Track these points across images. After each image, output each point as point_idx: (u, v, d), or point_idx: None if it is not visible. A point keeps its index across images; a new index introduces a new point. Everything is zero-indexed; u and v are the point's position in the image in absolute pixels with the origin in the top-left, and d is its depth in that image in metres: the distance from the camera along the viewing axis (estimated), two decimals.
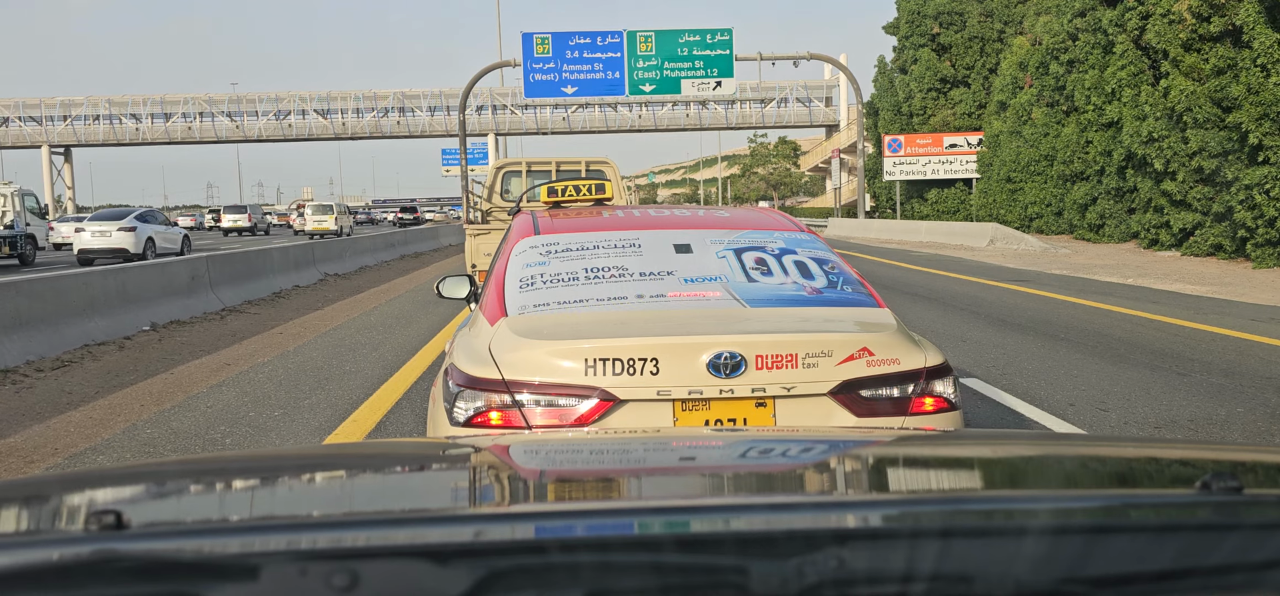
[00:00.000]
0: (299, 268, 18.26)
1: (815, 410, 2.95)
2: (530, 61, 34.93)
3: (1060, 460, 1.57)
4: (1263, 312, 11.90)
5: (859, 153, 43.58)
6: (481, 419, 2.95)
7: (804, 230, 3.86)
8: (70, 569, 0.87)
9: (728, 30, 35.01)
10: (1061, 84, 29.05)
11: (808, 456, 1.63)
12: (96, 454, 5.94)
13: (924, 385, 3.05)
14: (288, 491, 1.43)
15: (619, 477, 1.52)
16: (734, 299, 3.31)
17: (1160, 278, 17.02)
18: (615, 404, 2.89)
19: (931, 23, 39.41)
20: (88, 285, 10.72)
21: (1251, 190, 18.57)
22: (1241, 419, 6.33)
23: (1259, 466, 1.37)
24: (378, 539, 0.95)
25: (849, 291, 3.47)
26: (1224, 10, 19.72)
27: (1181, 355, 8.68)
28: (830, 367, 2.95)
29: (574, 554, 0.94)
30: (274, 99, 65.88)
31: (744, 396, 2.92)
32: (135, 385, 8.18)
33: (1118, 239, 26.44)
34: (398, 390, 7.69)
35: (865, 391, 2.99)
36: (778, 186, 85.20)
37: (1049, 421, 6.35)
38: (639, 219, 3.92)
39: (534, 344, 2.99)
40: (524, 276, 3.45)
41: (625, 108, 63.70)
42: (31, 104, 65.67)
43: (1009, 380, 7.69)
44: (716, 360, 2.88)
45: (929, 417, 3.04)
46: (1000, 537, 0.99)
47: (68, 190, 67.38)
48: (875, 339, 3.03)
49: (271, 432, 6.42)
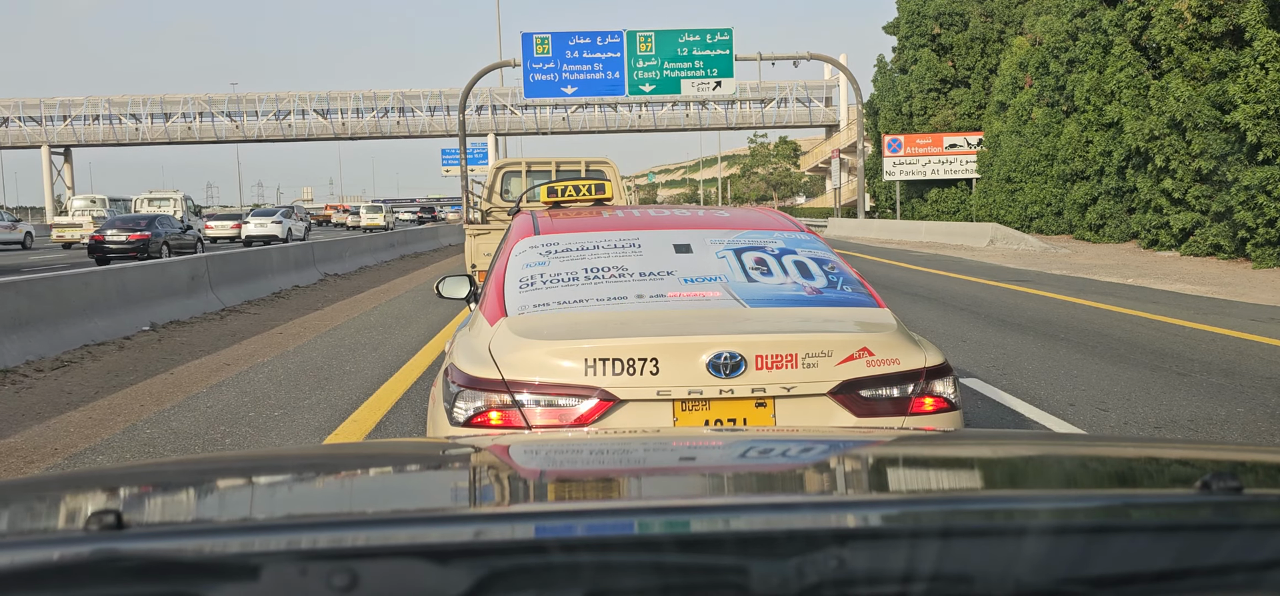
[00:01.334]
0: (299, 268, 18.25)
1: (815, 410, 2.95)
2: (530, 61, 34.92)
3: (1060, 460, 1.57)
4: (1263, 312, 11.90)
5: (859, 153, 43.57)
6: (481, 419, 2.94)
7: (804, 230, 3.86)
8: (70, 569, 0.87)
9: (727, 30, 34.95)
10: (1061, 84, 29.05)
11: (808, 456, 1.63)
12: (96, 454, 5.94)
13: (924, 385, 3.05)
14: (288, 491, 1.43)
15: (619, 477, 1.52)
16: (734, 299, 3.30)
17: (1160, 277, 17.02)
18: (615, 404, 2.89)
19: (932, 23, 39.41)
20: (87, 285, 10.72)
21: (1251, 190, 18.56)
22: (1241, 419, 6.34)
23: (1259, 466, 1.37)
24: (378, 539, 0.95)
25: (849, 291, 3.47)
26: (1224, 10, 19.72)
27: (1182, 355, 8.68)
28: (830, 367, 2.94)
29: (574, 554, 0.94)
30: (274, 99, 65.85)
31: (744, 396, 2.92)
32: (135, 385, 8.18)
33: (1118, 239, 26.44)
34: (398, 390, 7.69)
35: (865, 391, 2.98)
36: (778, 186, 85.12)
37: (1049, 421, 6.35)
38: (639, 219, 3.91)
39: (534, 344, 2.99)
40: (524, 276, 3.45)
41: (625, 108, 63.66)
42: (31, 104, 65.64)
43: (1009, 380, 7.69)
44: (716, 360, 2.88)
45: (929, 417, 3.03)
46: (1000, 537, 0.99)
47: (68, 190, 67.27)
48: (875, 339, 3.03)
49: (271, 433, 6.42)
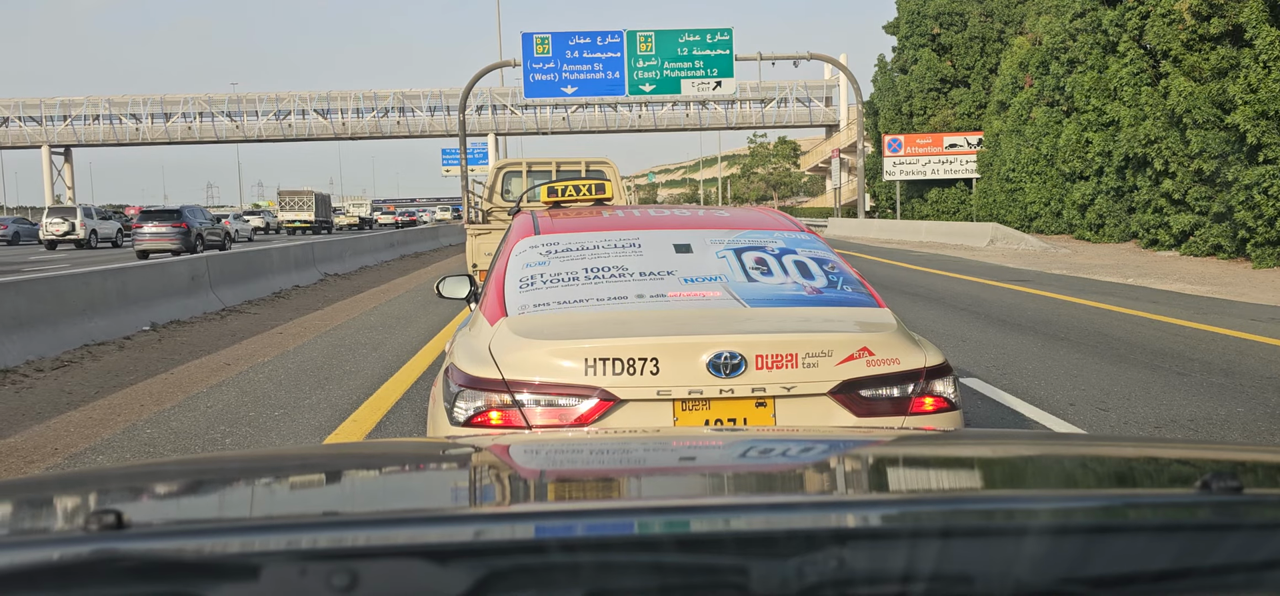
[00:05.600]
0: (299, 267, 18.25)
1: (815, 410, 2.95)
2: (530, 61, 34.92)
3: (1060, 460, 1.57)
4: (1263, 312, 11.90)
5: (859, 153, 43.56)
6: (482, 418, 2.94)
7: (804, 230, 3.86)
8: (70, 569, 0.87)
9: (728, 30, 34.97)
10: (1061, 84, 29.03)
11: (808, 456, 1.63)
12: (96, 454, 5.94)
13: (924, 385, 3.04)
14: (288, 491, 1.43)
15: (619, 477, 1.52)
16: (734, 299, 3.30)
17: (1160, 277, 17.02)
18: (615, 403, 2.89)
19: (932, 23, 39.40)
20: (87, 285, 10.72)
21: (1251, 190, 18.56)
22: (1242, 419, 6.33)
23: (1259, 466, 1.37)
24: (378, 539, 0.95)
25: (849, 291, 3.47)
26: (1224, 10, 19.71)
27: (1182, 355, 8.68)
28: (830, 367, 2.94)
29: (574, 554, 0.94)
30: (274, 99, 65.84)
31: (744, 396, 2.92)
32: (135, 385, 8.18)
33: (1117, 239, 26.44)
34: (398, 390, 7.68)
35: (865, 391, 2.98)
36: (778, 186, 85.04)
37: (1050, 421, 6.35)
38: (639, 219, 3.92)
39: (534, 344, 2.99)
40: (524, 276, 3.45)
41: (625, 108, 63.64)
42: (31, 104, 65.61)
43: (1009, 380, 7.69)
44: (716, 360, 2.88)
45: (929, 417, 3.03)
46: (1000, 537, 0.99)
47: (68, 190, 67.27)
48: (875, 339, 3.03)
49: (271, 433, 6.42)
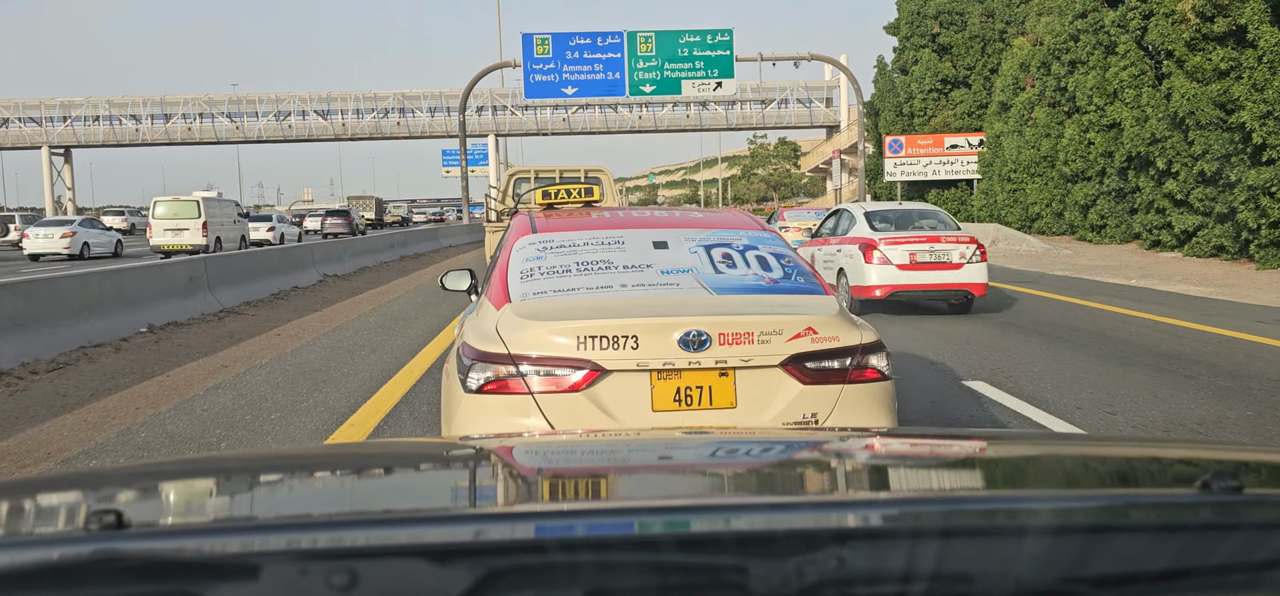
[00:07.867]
0: (298, 268, 18.25)
1: (769, 379, 3.50)
2: (530, 62, 34.90)
3: (1060, 460, 1.57)
4: (1268, 314, 11.89)
5: (859, 153, 43.55)
6: (491, 386, 3.47)
7: (766, 229, 4.43)
8: (70, 569, 0.87)
9: (728, 31, 34.94)
10: (1063, 84, 29.02)
11: (807, 456, 1.63)
12: (90, 458, 5.91)
13: (860, 359, 3.61)
14: (288, 491, 1.43)
15: (619, 477, 1.52)
16: (702, 287, 3.85)
17: (1163, 279, 17.01)
18: (602, 373, 3.42)
19: (932, 23, 39.38)
20: (84, 286, 10.71)
21: (1255, 191, 18.54)
22: (1250, 421, 6.32)
23: (1260, 466, 1.37)
24: (378, 539, 0.95)
25: (801, 281, 4.02)
26: (1228, 10, 19.70)
27: (1188, 357, 8.67)
28: (781, 344, 3.49)
29: (574, 553, 0.94)
30: (274, 100, 65.82)
31: (709, 367, 3.45)
32: (131, 388, 8.15)
33: (1119, 240, 26.42)
34: (397, 393, 7.67)
35: (810, 363, 3.53)
36: (778, 187, 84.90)
37: (1056, 425, 6.32)
38: (623, 219, 4.45)
39: (534, 324, 3.52)
40: (524, 268, 3.95)
41: (625, 108, 63.60)
42: (31, 104, 65.58)
43: (1014, 383, 7.66)
44: (686, 337, 3.42)
45: (864, 385, 3.61)
46: (1000, 537, 0.99)
47: (68, 191, 67.28)
48: (819, 320, 3.58)
49: (268, 437, 6.38)
